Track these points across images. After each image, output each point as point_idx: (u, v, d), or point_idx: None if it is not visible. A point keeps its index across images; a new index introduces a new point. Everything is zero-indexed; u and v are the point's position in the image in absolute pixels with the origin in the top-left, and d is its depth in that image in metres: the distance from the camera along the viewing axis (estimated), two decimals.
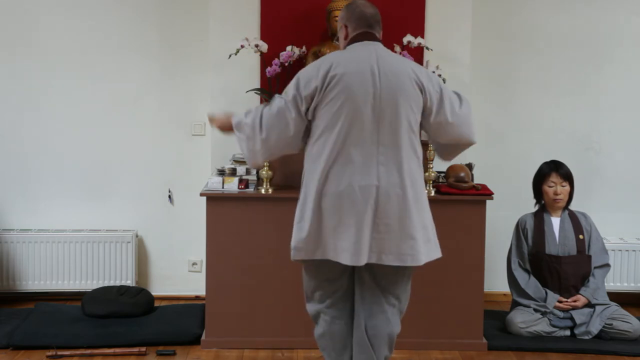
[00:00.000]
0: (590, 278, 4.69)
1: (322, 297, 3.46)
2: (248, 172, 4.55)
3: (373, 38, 3.40)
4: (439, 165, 4.59)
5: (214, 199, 4.36)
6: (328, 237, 3.28)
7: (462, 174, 4.45)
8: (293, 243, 3.36)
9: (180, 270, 5.28)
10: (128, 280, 5.16)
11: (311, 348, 4.37)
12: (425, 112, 3.35)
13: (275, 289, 4.39)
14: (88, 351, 4.27)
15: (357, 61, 3.29)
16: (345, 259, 3.25)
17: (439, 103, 3.35)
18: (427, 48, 4.71)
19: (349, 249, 3.25)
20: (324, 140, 3.27)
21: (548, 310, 4.60)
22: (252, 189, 4.40)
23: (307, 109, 3.28)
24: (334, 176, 3.25)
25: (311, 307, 3.52)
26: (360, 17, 3.42)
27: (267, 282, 4.39)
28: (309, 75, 3.28)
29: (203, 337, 4.43)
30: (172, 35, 5.15)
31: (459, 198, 4.38)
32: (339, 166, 3.25)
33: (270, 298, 4.41)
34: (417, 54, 4.72)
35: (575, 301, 4.63)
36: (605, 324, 4.54)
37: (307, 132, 3.36)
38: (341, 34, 3.47)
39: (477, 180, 4.65)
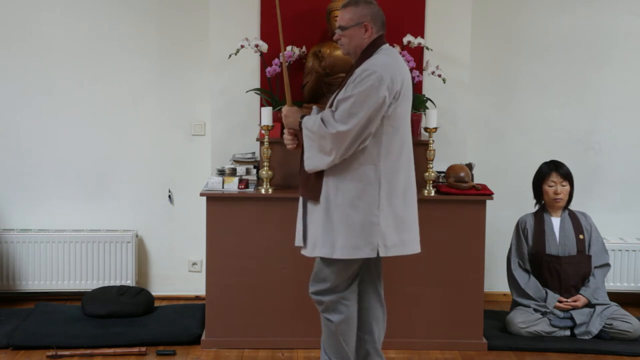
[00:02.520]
0: (591, 278, 4.69)
1: (349, 283, 3.63)
2: (248, 172, 4.55)
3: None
4: (439, 165, 4.60)
5: (214, 199, 4.36)
6: (414, 228, 3.64)
7: (462, 174, 4.45)
8: (385, 240, 3.51)
9: (180, 270, 5.28)
10: (128, 280, 5.16)
11: (311, 348, 4.37)
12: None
13: (275, 289, 4.39)
14: (88, 351, 4.27)
15: (406, 68, 3.61)
16: (417, 248, 3.67)
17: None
18: (427, 48, 4.72)
19: (417, 240, 3.66)
20: (394, 139, 3.51)
21: (548, 310, 4.60)
22: (252, 189, 4.40)
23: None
24: (405, 171, 3.58)
25: (333, 297, 3.61)
26: (383, 19, 3.61)
27: (267, 282, 4.39)
28: (392, 79, 3.44)
29: (203, 337, 4.43)
30: (172, 35, 5.15)
31: (459, 198, 4.38)
32: (405, 162, 3.58)
33: (270, 298, 4.40)
34: (417, 54, 4.72)
35: (575, 301, 4.63)
36: (605, 324, 4.54)
37: None
38: (360, 32, 3.55)
39: (477, 180, 4.65)
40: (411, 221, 3.63)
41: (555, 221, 4.76)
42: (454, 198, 4.38)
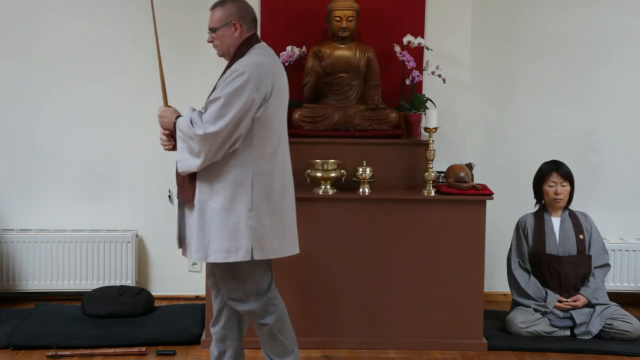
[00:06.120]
0: (591, 278, 4.69)
1: (269, 284, 3.62)
2: None
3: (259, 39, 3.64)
4: (439, 165, 4.60)
5: None
6: (291, 230, 3.61)
7: (462, 174, 4.45)
8: (262, 243, 3.46)
9: (180, 270, 5.28)
10: (128, 280, 5.16)
11: (311, 348, 4.37)
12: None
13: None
14: (88, 351, 4.27)
15: (280, 67, 3.59)
16: (295, 250, 3.65)
17: None
18: (427, 48, 4.72)
19: (295, 241, 3.64)
20: (266, 141, 3.47)
21: (548, 310, 4.60)
22: None
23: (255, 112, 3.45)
24: (280, 172, 3.53)
25: (260, 302, 3.58)
26: (253, 18, 3.59)
27: None
28: (261, 80, 3.41)
29: (203, 337, 4.43)
30: (173, 35, 5.14)
31: (459, 198, 4.38)
32: (280, 163, 3.54)
33: None
34: (417, 54, 4.72)
35: (575, 301, 4.63)
36: (605, 324, 4.54)
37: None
38: (230, 31, 3.53)
39: (477, 180, 4.65)
40: (289, 223, 3.59)
41: (555, 221, 4.76)
42: (454, 198, 4.38)
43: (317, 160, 4.42)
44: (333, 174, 4.39)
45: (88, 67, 5.16)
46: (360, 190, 4.40)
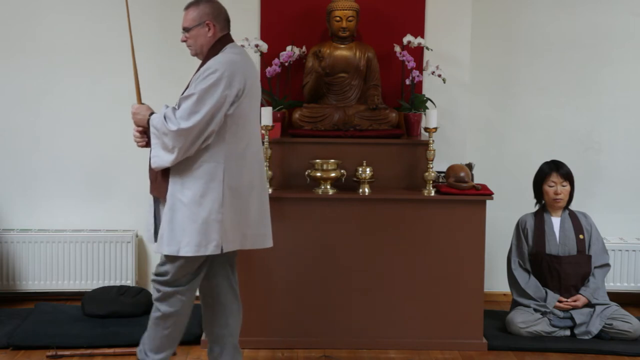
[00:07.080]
0: (590, 278, 4.69)
1: (189, 279, 3.65)
2: None
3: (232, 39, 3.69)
4: (439, 165, 4.60)
5: None
6: (259, 223, 3.66)
7: (462, 174, 4.45)
8: (227, 236, 3.52)
9: None
10: (128, 280, 5.16)
11: (311, 348, 4.37)
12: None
13: (275, 289, 4.39)
14: (88, 351, 4.27)
15: (252, 66, 3.65)
16: (263, 243, 3.70)
17: None
18: (427, 48, 4.72)
19: (263, 235, 3.69)
20: (237, 137, 3.52)
21: (548, 310, 4.60)
22: None
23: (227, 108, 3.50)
24: (249, 168, 3.58)
25: (170, 289, 3.62)
26: (226, 18, 3.65)
27: (267, 281, 4.39)
28: (233, 77, 3.46)
29: (203, 337, 4.43)
30: (173, 34, 5.13)
31: (459, 198, 4.38)
32: (250, 159, 3.58)
33: (270, 298, 4.40)
34: (417, 54, 4.72)
35: (575, 301, 4.63)
36: (605, 324, 4.54)
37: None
38: (204, 31, 3.59)
39: (477, 180, 4.65)
40: (256, 217, 3.64)
41: (556, 221, 4.76)
42: (454, 198, 4.38)
43: (317, 160, 4.42)
44: (333, 174, 4.39)
45: (88, 67, 5.16)
46: (360, 190, 4.40)
